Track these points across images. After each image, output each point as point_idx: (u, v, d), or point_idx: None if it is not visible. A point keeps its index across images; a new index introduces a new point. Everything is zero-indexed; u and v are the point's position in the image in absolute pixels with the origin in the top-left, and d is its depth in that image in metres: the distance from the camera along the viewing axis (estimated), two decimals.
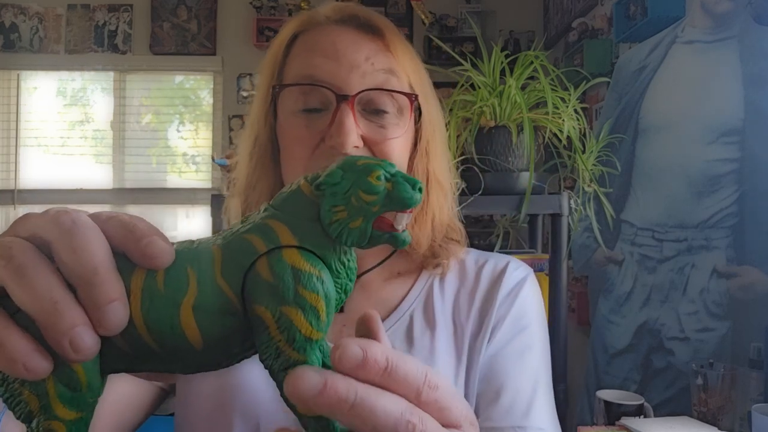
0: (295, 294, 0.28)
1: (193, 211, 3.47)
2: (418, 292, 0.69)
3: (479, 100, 1.16)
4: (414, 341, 0.64)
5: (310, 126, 0.61)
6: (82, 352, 0.25)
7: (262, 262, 0.28)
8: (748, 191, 1.57)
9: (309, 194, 0.30)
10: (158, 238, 0.28)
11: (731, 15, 1.65)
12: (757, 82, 1.55)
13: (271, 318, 0.27)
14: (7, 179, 3.44)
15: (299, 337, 0.28)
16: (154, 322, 0.27)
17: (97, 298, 0.26)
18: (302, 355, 0.28)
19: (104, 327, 0.26)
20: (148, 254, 0.27)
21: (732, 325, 1.59)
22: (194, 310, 0.28)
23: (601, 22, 2.46)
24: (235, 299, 0.28)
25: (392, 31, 0.65)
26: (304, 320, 0.28)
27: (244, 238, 0.29)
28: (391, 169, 0.30)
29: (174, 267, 0.28)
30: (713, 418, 1.35)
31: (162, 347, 0.28)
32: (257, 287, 0.28)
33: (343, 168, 0.29)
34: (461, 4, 3.41)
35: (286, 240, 0.29)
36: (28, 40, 3.43)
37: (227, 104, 3.45)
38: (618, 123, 2.11)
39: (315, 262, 0.29)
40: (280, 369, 0.28)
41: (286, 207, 0.30)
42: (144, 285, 0.27)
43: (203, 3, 3.46)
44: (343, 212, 0.29)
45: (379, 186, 0.29)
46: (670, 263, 1.82)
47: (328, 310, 0.28)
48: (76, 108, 3.56)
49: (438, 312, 0.67)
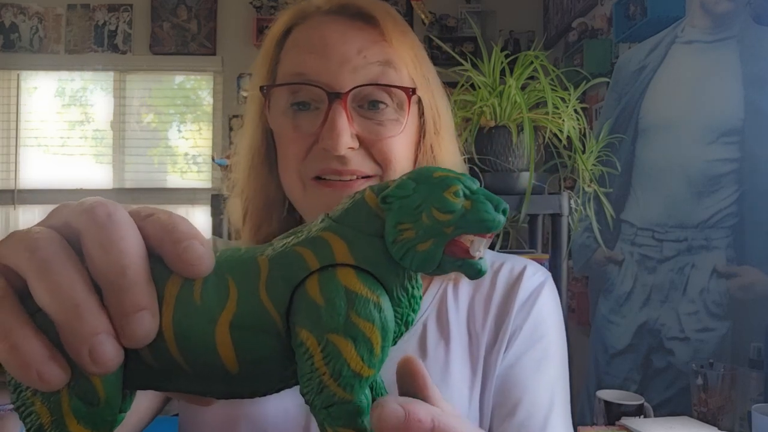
0: (346, 321, 0.24)
1: (193, 211, 3.47)
2: (431, 299, 0.66)
3: (479, 100, 1.16)
4: (428, 352, 0.62)
5: (303, 126, 0.58)
6: (101, 363, 0.22)
7: (312, 280, 0.25)
8: (748, 191, 1.57)
9: (374, 207, 0.26)
10: (198, 242, 0.25)
11: (731, 15, 1.65)
12: (757, 82, 1.55)
13: (316, 345, 0.24)
14: (7, 179, 3.44)
15: (347, 372, 0.24)
16: (185, 336, 0.24)
17: (123, 304, 0.23)
18: (348, 393, 0.24)
19: (129, 337, 0.23)
20: (184, 260, 0.24)
21: (732, 325, 1.59)
22: (231, 327, 0.24)
23: (601, 22, 2.46)
24: (279, 319, 0.25)
25: (389, 19, 0.59)
26: (355, 352, 0.24)
27: (295, 251, 0.26)
28: (473, 185, 0.26)
29: (214, 276, 0.25)
30: (713, 418, 1.35)
31: (192, 366, 0.25)
32: (304, 308, 0.25)
33: (416, 179, 0.26)
34: (461, 4, 3.41)
35: (342, 257, 0.25)
36: (28, 40, 3.43)
37: (227, 104, 3.45)
38: (618, 123, 2.11)
39: (374, 285, 0.25)
40: (322, 406, 0.24)
41: (346, 219, 0.26)
42: (179, 294, 0.24)
43: (203, 3, 3.46)
44: (410, 231, 0.25)
45: (457, 204, 0.25)
46: (670, 263, 1.82)
47: (383, 344, 0.25)
48: (76, 108, 3.56)
49: (452, 321, 0.64)
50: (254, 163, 0.64)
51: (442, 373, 0.61)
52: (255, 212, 0.64)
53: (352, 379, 0.24)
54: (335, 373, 0.24)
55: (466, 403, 0.61)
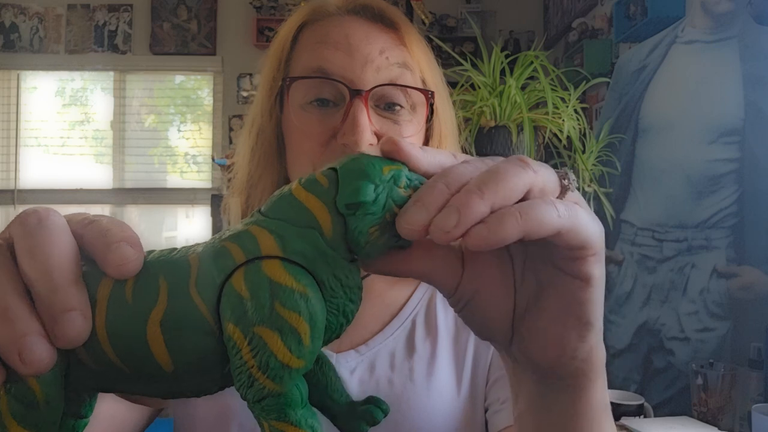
0: (271, 312, 0.24)
1: (193, 211, 3.48)
2: (420, 295, 0.67)
3: (479, 100, 1.16)
4: (416, 348, 0.63)
5: (322, 121, 0.58)
6: (31, 364, 0.23)
7: (238, 274, 0.25)
8: (748, 191, 1.57)
9: (304, 201, 0.26)
10: (126, 244, 0.25)
11: (731, 15, 1.65)
12: (757, 82, 1.55)
13: (243, 339, 0.24)
14: (7, 179, 3.44)
15: (274, 364, 0.24)
16: (119, 337, 0.24)
17: (52, 305, 0.23)
18: (278, 385, 0.24)
19: (60, 339, 0.23)
20: (110, 260, 0.24)
21: (732, 325, 1.59)
22: (162, 325, 0.24)
23: (601, 22, 2.46)
24: (210, 316, 0.25)
25: (406, 24, 0.62)
26: (281, 344, 0.24)
27: (223, 246, 0.26)
28: (410, 172, 0.27)
29: (145, 276, 0.25)
30: (713, 418, 1.35)
31: (129, 366, 0.25)
32: (230, 302, 0.24)
33: (373, 180, 0.26)
34: (461, 4, 3.41)
35: (269, 249, 0.25)
36: (28, 40, 3.44)
37: (227, 104, 3.45)
38: (618, 123, 2.11)
39: (301, 276, 0.25)
40: (254, 400, 0.24)
41: (274, 212, 0.26)
42: (110, 295, 0.24)
43: (203, 3, 3.46)
44: (377, 232, 0.25)
45: (406, 196, 0.26)
46: (670, 263, 1.82)
47: (313, 334, 0.24)
48: (76, 108, 3.56)
49: (440, 317, 0.65)
50: (262, 158, 0.64)
51: (428, 368, 0.62)
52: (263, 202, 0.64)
53: (280, 370, 0.24)
54: (263, 366, 0.24)
55: (454, 397, 0.62)
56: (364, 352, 0.62)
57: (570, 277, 0.28)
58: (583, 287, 0.28)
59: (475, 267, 0.30)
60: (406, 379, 0.61)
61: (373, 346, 0.63)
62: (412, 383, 0.61)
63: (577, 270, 0.28)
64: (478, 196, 0.24)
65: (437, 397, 0.61)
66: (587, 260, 0.28)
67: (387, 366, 0.62)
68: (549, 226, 0.25)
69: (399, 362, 0.62)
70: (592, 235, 0.27)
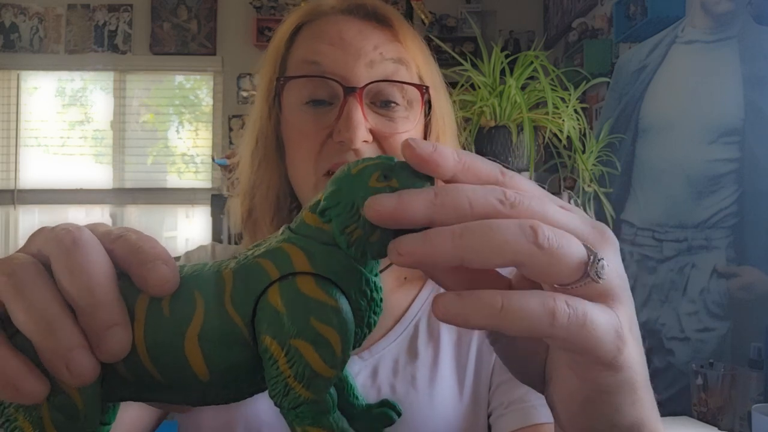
0: (306, 326, 0.25)
1: (193, 211, 3.47)
2: (423, 299, 0.67)
3: (479, 100, 1.16)
4: (418, 353, 0.62)
5: (317, 120, 0.58)
6: (79, 376, 0.24)
7: (273, 289, 0.26)
8: (748, 191, 1.57)
9: (317, 224, 0.27)
10: (162, 263, 0.26)
11: (731, 15, 1.65)
12: (757, 82, 1.55)
13: (279, 351, 0.25)
14: (7, 179, 3.44)
15: (309, 373, 0.25)
16: (157, 350, 0.26)
17: (95, 321, 0.24)
18: (313, 393, 0.26)
19: (104, 353, 0.24)
20: (149, 280, 0.25)
21: (732, 325, 1.60)
22: (200, 339, 0.26)
23: (601, 22, 2.46)
24: (245, 329, 0.26)
25: (401, 21, 0.62)
26: (316, 355, 0.25)
27: (257, 263, 0.27)
28: (390, 163, 0.27)
29: (181, 291, 0.26)
30: (713, 418, 1.35)
31: (166, 377, 0.26)
32: (267, 316, 0.26)
33: (338, 183, 0.27)
34: (461, 4, 3.41)
35: (301, 266, 0.26)
36: (28, 40, 3.43)
37: (227, 104, 3.45)
38: (618, 123, 2.11)
39: (332, 291, 0.26)
40: (290, 407, 0.26)
41: (302, 231, 0.28)
42: (148, 310, 0.26)
43: (203, 3, 3.46)
44: (358, 230, 0.26)
45: (382, 188, 0.26)
46: (670, 263, 1.82)
47: (344, 346, 0.26)
48: (76, 108, 3.56)
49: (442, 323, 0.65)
50: (263, 160, 0.63)
51: (431, 374, 0.61)
52: (265, 205, 0.64)
53: (315, 379, 0.26)
54: (299, 376, 0.25)
55: (456, 402, 0.61)
56: (367, 358, 0.62)
57: (579, 381, 0.26)
58: (594, 391, 0.25)
59: None
60: (408, 385, 0.61)
61: (376, 352, 0.62)
62: (414, 389, 0.60)
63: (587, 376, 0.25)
64: (450, 240, 0.23)
65: (440, 403, 0.60)
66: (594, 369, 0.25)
67: (390, 372, 0.61)
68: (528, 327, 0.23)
69: (401, 368, 0.62)
70: (600, 346, 0.24)
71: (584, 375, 0.26)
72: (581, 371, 0.26)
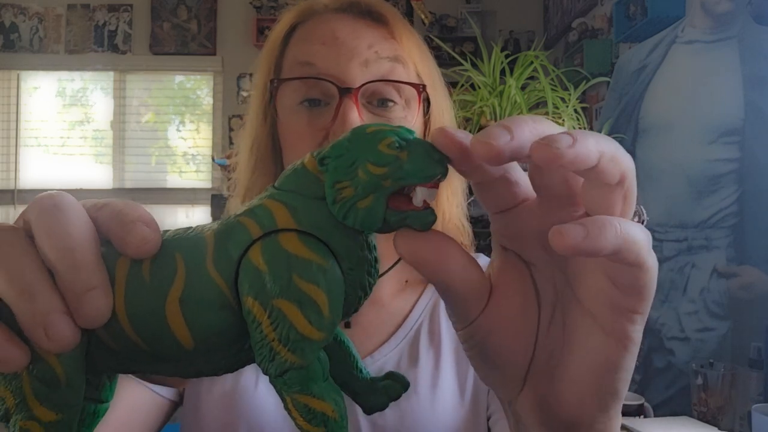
0: (290, 285, 0.24)
1: (193, 211, 3.47)
2: (424, 304, 0.66)
3: (479, 100, 1.16)
4: (419, 358, 0.62)
5: (312, 122, 0.57)
6: (57, 341, 0.23)
7: (255, 248, 0.25)
8: (748, 191, 1.57)
9: (314, 171, 0.26)
10: (142, 224, 0.25)
11: (731, 15, 1.65)
12: (757, 82, 1.55)
13: (262, 312, 0.24)
14: (7, 179, 3.44)
15: (295, 336, 0.24)
16: (137, 315, 0.24)
17: (74, 284, 0.23)
18: (299, 358, 0.24)
19: (83, 317, 0.23)
20: (128, 241, 0.24)
21: (732, 325, 1.60)
22: (181, 303, 0.24)
23: (601, 22, 2.46)
24: (229, 292, 0.25)
25: (396, 18, 0.60)
26: (301, 316, 0.24)
27: (238, 221, 0.26)
28: (408, 135, 0.25)
29: (162, 255, 0.25)
30: (713, 418, 1.35)
31: (149, 345, 0.25)
32: (248, 276, 0.24)
33: (350, 138, 0.25)
34: (461, 4, 3.41)
35: (284, 222, 0.25)
36: (28, 40, 3.43)
37: (227, 104, 3.45)
38: (618, 123, 2.11)
39: (317, 248, 0.25)
40: (276, 374, 0.24)
41: (288, 185, 0.26)
42: (128, 274, 0.24)
43: (203, 3, 3.46)
44: (349, 189, 0.24)
45: (391, 155, 0.24)
46: (670, 263, 1.82)
47: (331, 306, 0.24)
48: (76, 108, 3.56)
49: (443, 325, 0.64)
50: (258, 161, 0.63)
51: (432, 380, 0.61)
52: None
53: (300, 342, 0.24)
54: (283, 338, 0.24)
55: (457, 406, 0.61)
56: (370, 364, 0.61)
57: (605, 336, 0.26)
58: (618, 350, 0.26)
59: (499, 302, 0.27)
60: (410, 390, 0.61)
61: (379, 358, 0.62)
62: (416, 395, 0.60)
63: (619, 327, 0.25)
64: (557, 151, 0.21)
65: (441, 408, 0.60)
66: (632, 317, 0.25)
67: None
68: (636, 252, 0.23)
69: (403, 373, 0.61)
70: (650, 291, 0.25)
71: (613, 324, 0.25)
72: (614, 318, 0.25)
